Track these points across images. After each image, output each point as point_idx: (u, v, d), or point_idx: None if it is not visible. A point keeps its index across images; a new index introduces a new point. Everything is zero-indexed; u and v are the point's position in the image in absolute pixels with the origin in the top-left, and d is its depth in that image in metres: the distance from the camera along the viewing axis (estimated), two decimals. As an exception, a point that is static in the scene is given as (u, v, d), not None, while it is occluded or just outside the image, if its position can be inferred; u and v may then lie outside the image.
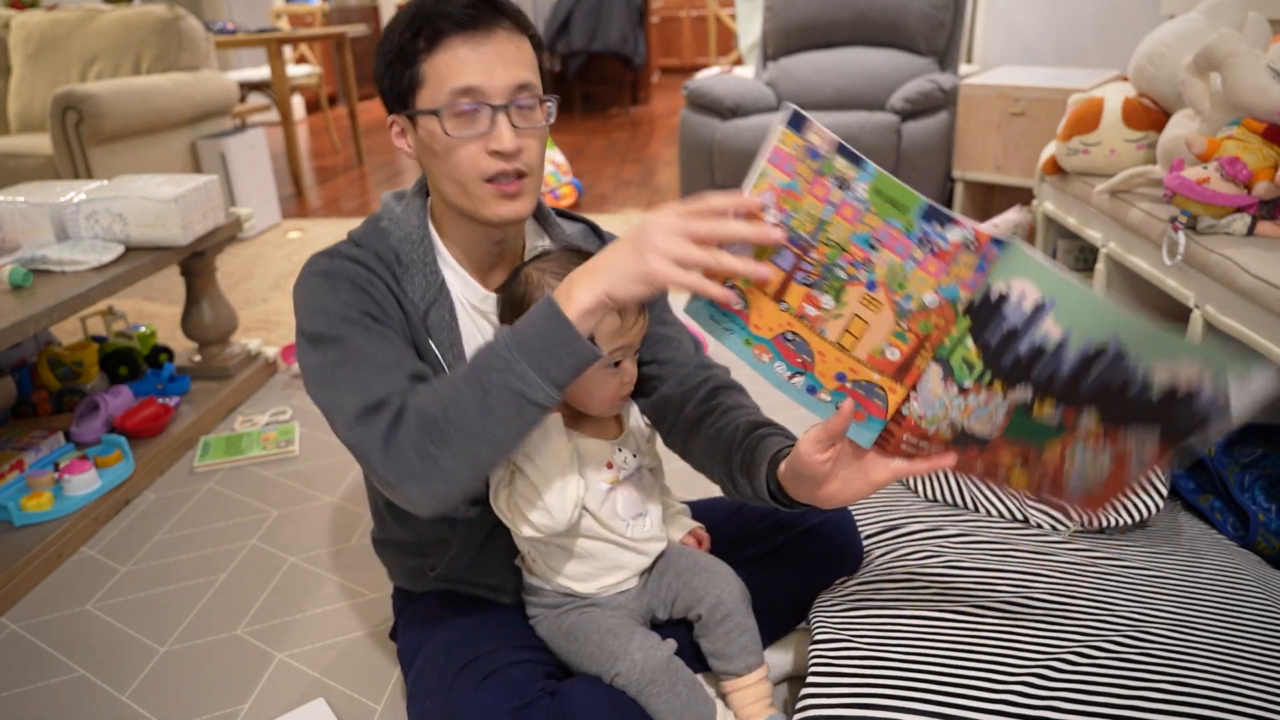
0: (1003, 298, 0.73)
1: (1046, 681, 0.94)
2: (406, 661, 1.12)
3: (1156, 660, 0.97)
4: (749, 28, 4.59)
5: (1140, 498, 1.30)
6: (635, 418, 1.13)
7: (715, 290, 0.78)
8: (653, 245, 0.77)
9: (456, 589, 1.15)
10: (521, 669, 1.01)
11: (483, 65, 0.93)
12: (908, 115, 2.77)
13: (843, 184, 0.74)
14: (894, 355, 0.80)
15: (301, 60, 6.72)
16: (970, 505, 1.33)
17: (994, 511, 1.32)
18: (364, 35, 5.42)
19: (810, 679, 0.99)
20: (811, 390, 0.84)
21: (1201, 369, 0.71)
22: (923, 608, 1.09)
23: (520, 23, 0.97)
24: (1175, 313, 1.76)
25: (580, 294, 0.81)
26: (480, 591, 1.15)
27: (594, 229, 1.16)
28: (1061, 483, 0.83)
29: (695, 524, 1.20)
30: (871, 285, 0.77)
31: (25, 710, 1.26)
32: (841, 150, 0.73)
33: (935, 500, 1.37)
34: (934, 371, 0.79)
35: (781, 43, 3.23)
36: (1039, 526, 1.29)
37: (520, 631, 1.11)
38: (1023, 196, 2.75)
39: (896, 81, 2.97)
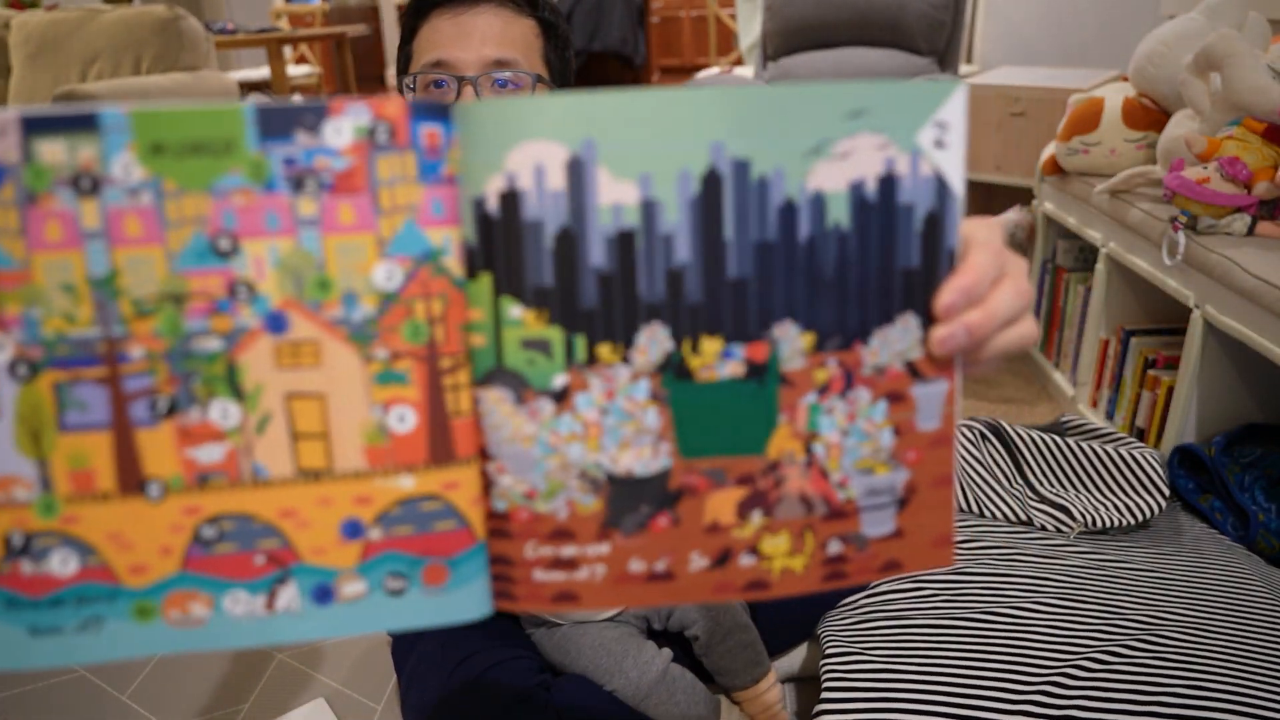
0: (513, 195, 0.40)
1: (1063, 689, 0.93)
2: (399, 658, 1.11)
3: (1168, 664, 0.96)
4: (749, 28, 4.58)
5: (1142, 497, 1.30)
6: None
7: None
8: None
9: None
10: (519, 664, 1.01)
11: (457, 37, 0.89)
12: (908, 115, 2.77)
13: (75, 183, 0.38)
14: (406, 422, 0.42)
15: (301, 60, 6.71)
16: (975, 509, 1.33)
17: (997, 515, 1.31)
18: (364, 35, 5.42)
19: (825, 693, 0.98)
20: (323, 596, 0.43)
21: (884, 138, 0.41)
22: (934, 616, 1.09)
23: (519, 1, 0.93)
24: (1175, 313, 1.76)
25: None
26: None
27: None
28: (854, 517, 0.45)
29: None
30: (277, 323, 0.40)
31: (25, 710, 1.26)
32: (30, 126, 0.38)
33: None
34: (494, 403, 0.42)
35: (781, 43, 3.23)
36: (1043, 528, 1.28)
37: (517, 635, 1.11)
38: (1023, 196, 2.75)
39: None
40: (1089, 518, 1.27)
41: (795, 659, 1.19)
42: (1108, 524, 1.26)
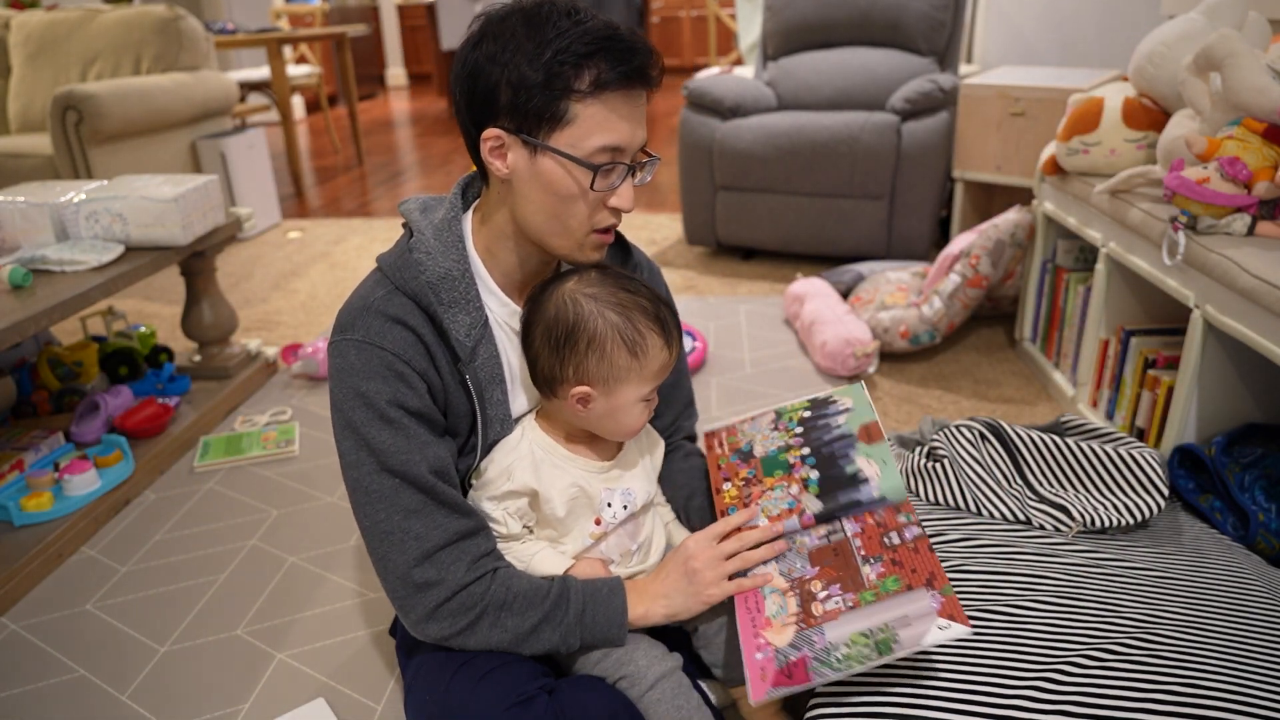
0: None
1: (1056, 686, 0.93)
2: (405, 656, 1.12)
3: (1166, 662, 0.96)
4: (749, 28, 4.59)
5: (1142, 497, 1.30)
6: (649, 443, 1.17)
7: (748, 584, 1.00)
8: (704, 580, 1.01)
9: None
10: (520, 666, 1.01)
11: (631, 124, 0.94)
12: (908, 115, 2.77)
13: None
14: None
15: (301, 60, 6.71)
16: (973, 508, 1.33)
17: (996, 514, 1.31)
18: (364, 35, 5.42)
19: (819, 688, 0.99)
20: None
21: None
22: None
23: None
24: (1175, 313, 1.75)
25: (655, 615, 1.02)
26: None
27: None
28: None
29: None
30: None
31: (25, 710, 1.26)
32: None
33: (937, 503, 1.37)
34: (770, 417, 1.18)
35: (781, 43, 3.23)
36: (1041, 528, 1.28)
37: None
38: (1023, 196, 2.75)
39: (896, 81, 2.97)
40: (1088, 517, 1.27)
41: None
42: (1107, 524, 1.26)
